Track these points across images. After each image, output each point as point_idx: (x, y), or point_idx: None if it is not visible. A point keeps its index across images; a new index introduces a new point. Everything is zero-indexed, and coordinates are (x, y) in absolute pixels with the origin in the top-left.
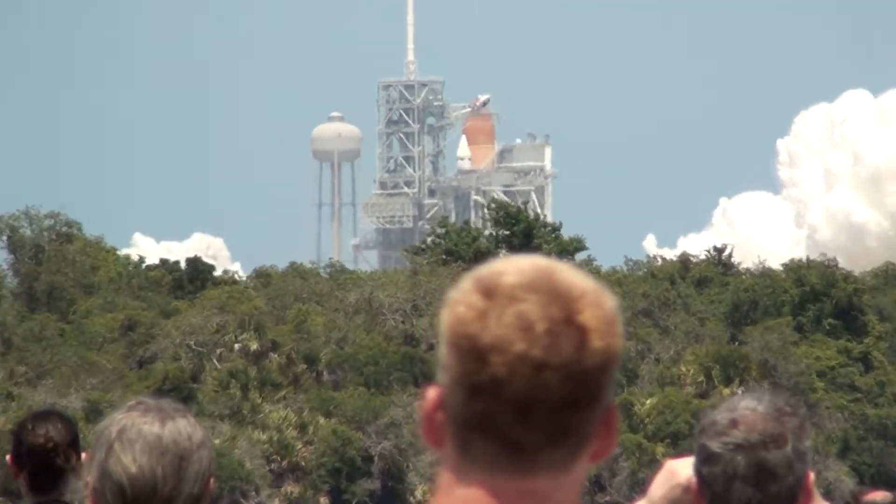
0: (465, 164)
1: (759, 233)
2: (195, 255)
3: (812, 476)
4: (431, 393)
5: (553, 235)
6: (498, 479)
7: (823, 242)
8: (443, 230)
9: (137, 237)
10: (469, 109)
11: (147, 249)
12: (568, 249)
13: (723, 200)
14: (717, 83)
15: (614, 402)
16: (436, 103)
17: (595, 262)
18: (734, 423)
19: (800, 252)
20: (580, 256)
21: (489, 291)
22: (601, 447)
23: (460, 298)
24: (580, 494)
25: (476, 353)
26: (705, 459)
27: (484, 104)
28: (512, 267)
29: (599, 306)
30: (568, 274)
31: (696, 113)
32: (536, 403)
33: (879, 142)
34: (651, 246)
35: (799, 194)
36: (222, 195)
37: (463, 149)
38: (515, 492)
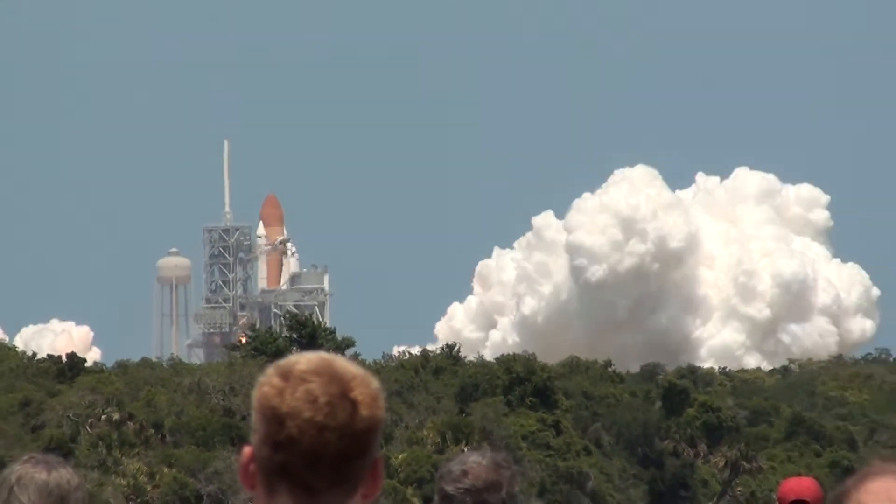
0: (266, 286)
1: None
2: (72, 352)
3: None
4: (246, 450)
5: (330, 336)
6: None
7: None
8: (252, 333)
9: (26, 330)
10: (270, 247)
11: (33, 334)
12: (341, 346)
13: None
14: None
15: (380, 455)
16: (245, 242)
17: (361, 356)
18: (464, 473)
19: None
20: (350, 352)
21: (286, 375)
22: (369, 489)
23: (265, 381)
24: None
25: (277, 419)
26: (443, 499)
27: (281, 243)
28: (303, 358)
29: (367, 385)
30: (343, 362)
31: (430, 236)
32: (321, 456)
33: None
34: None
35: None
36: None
37: (264, 275)
38: None
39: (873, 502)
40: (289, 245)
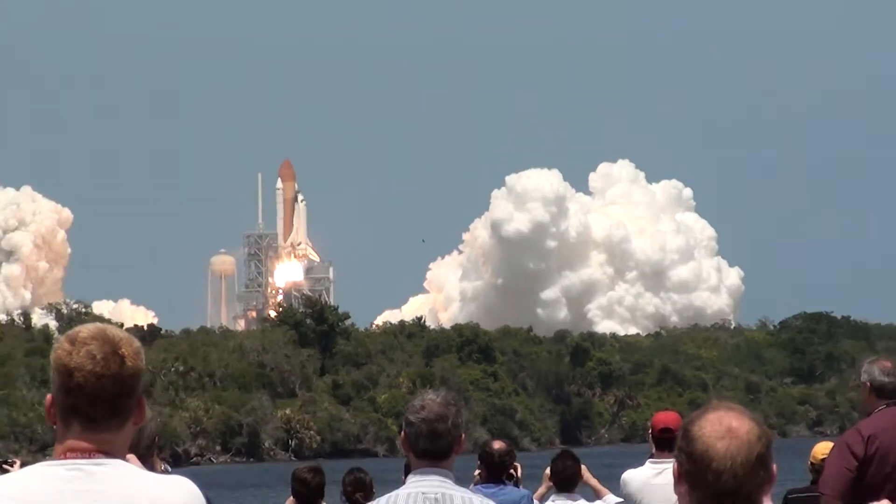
0: (287, 276)
1: None
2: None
3: (463, 437)
4: (48, 396)
5: (333, 312)
6: (84, 436)
7: None
8: (278, 310)
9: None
10: (289, 248)
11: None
12: (341, 318)
13: None
14: None
15: (142, 395)
16: (273, 245)
17: (355, 325)
18: (422, 407)
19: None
20: (348, 322)
21: (72, 341)
22: (138, 418)
23: (59, 346)
24: (128, 442)
25: (67, 372)
26: (407, 425)
27: (298, 244)
28: (84, 328)
29: (131, 345)
30: (114, 330)
31: None
32: (100, 396)
33: None
34: None
35: None
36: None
37: (286, 267)
38: (95, 439)
39: (709, 426)
40: (302, 246)
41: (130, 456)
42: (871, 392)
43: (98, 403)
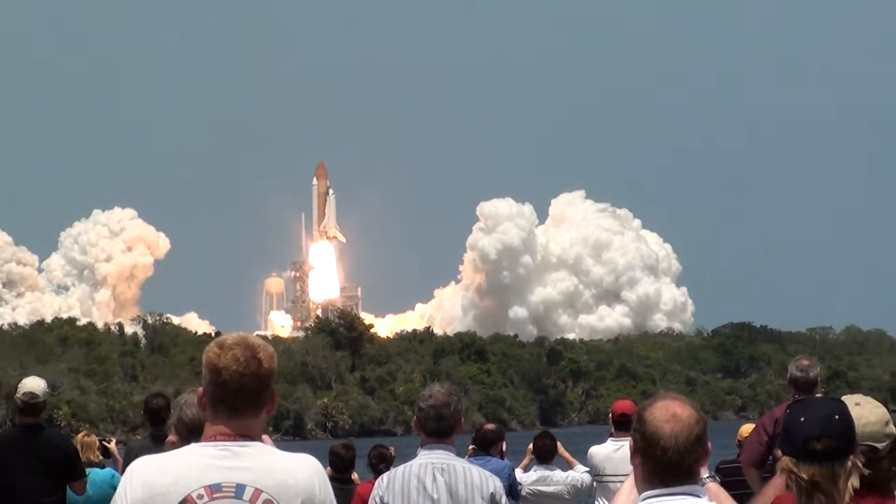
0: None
1: None
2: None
3: (462, 420)
4: (199, 389)
5: (361, 324)
6: (230, 421)
7: None
8: (317, 321)
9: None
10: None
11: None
12: (367, 328)
13: None
14: None
15: (274, 389)
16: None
17: (378, 333)
18: (430, 395)
19: None
20: (373, 331)
21: (221, 346)
22: (270, 408)
23: (210, 349)
24: (264, 425)
25: (216, 371)
26: (418, 411)
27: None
28: (230, 336)
29: (266, 350)
30: (253, 338)
31: None
32: (242, 391)
33: None
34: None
35: None
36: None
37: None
38: (240, 427)
39: (658, 412)
40: (332, 231)
41: (265, 437)
42: (791, 383)
43: (240, 396)
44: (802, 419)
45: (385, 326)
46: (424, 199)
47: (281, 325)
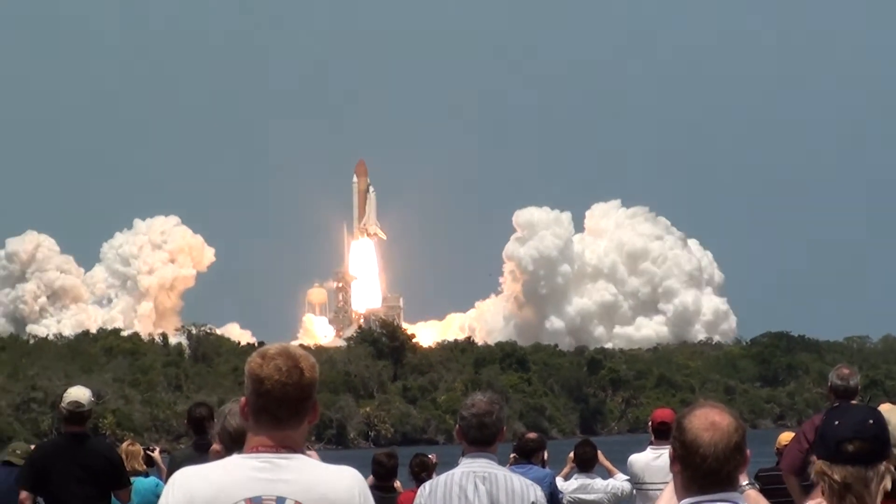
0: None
1: None
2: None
3: (504, 429)
4: (242, 399)
5: (402, 334)
6: (272, 432)
7: None
8: (360, 330)
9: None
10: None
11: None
12: (409, 338)
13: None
14: None
15: (317, 399)
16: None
17: (419, 342)
18: (473, 404)
19: None
20: (414, 340)
21: (263, 356)
22: (312, 417)
23: (252, 359)
24: (306, 435)
25: (259, 380)
26: (461, 419)
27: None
28: (272, 347)
29: (308, 360)
30: (295, 348)
31: None
32: (284, 400)
33: None
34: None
35: None
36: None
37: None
38: (281, 437)
39: (697, 420)
40: (373, 228)
41: (312, 452)
42: (831, 391)
43: (283, 406)
44: (837, 423)
45: (426, 334)
46: (462, 200)
47: (322, 334)
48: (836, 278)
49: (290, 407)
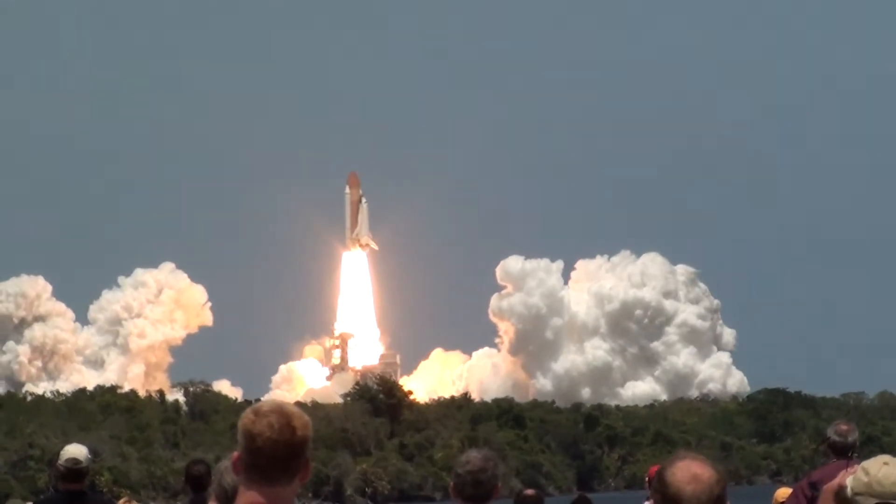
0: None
1: None
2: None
3: (499, 485)
4: (234, 454)
5: (399, 390)
6: (263, 488)
7: None
8: (358, 388)
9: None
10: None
11: None
12: (406, 395)
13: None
14: None
15: (310, 456)
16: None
17: (416, 398)
18: (468, 461)
19: None
20: (411, 397)
21: (256, 413)
22: (303, 475)
23: (245, 416)
24: (295, 494)
25: (251, 437)
26: (455, 476)
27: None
28: (265, 404)
29: (301, 418)
30: (288, 406)
31: None
32: (276, 458)
33: None
34: None
35: None
36: None
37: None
38: (271, 494)
39: (679, 473)
40: (365, 238)
41: None
42: (829, 447)
43: (274, 463)
44: None
45: (419, 384)
46: (458, 214)
47: (312, 381)
48: (832, 335)
49: (280, 464)
